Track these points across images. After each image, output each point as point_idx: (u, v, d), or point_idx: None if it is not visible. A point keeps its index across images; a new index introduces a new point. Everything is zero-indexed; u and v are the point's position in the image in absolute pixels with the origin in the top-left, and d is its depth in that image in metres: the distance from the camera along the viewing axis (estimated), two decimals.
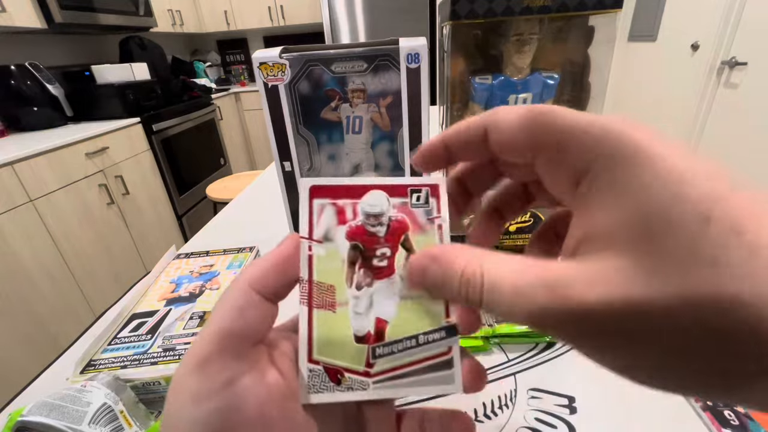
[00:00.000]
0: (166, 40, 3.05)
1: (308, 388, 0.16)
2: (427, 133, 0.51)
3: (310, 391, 0.16)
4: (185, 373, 0.14)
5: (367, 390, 0.16)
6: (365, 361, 0.16)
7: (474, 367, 0.17)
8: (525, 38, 0.49)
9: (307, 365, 0.16)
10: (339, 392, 0.16)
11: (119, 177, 1.85)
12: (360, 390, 0.16)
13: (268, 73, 0.48)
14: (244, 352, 0.15)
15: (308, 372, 0.16)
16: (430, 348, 0.16)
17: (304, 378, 0.16)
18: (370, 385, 0.16)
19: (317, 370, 0.16)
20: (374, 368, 0.16)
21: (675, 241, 0.10)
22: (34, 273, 1.44)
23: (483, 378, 0.17)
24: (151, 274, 0.51)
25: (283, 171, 0.55)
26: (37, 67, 1.84)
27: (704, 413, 0.33)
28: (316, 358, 0.16)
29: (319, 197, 0.17)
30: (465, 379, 0.17)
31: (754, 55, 2.05)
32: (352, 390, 0.16)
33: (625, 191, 0.11)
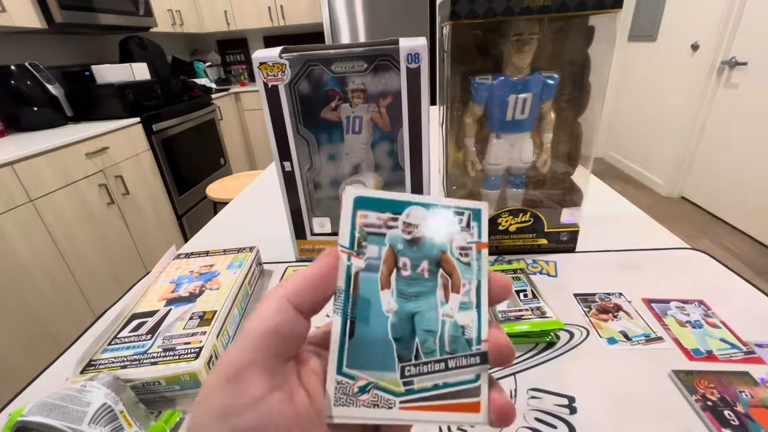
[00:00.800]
0: (166, 40, 3.06)
1: (334, 401, 0.16)
2: (427, 133, 0.51)
3: (336, 404, 0.16)
4: (214, 388, 0.14)
5: (393, 409, 0.16)
6: (394, 379, 0.16)
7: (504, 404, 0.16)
8: (525, 38, 0.49)
9: (336, 377, 0.16)
10: (364, 408, 0.16)
11: (119, 177, 1.85)
12: (385, 408, 0.16)
13: (268, 73, 0.48)
14: (276, 368, 0.15)
15: (336, 384, 0.16)
16: (459, 374, 0.16)
17: (331, 390, 0.16)
18: (396, 404, 0.16)
19: (345, 382, 0.16)
20: (402, 387, 0.16)
21: None
22: (34, 273, 1.44)
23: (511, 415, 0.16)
24: (151, 274, 0.51)
25: (283, 171, 0.55)
26: (37, 67, 1.84)
27: (704, 413, 0.33)
28: (345, 371, 0.16)
29: (363, 209, 0.17)
30: (493, 414, 0.16)
31: (754, 55, 2.05)
32: (377, 407, 0.16)
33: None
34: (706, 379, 0.36)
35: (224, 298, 0.46)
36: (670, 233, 0.63)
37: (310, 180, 0.56)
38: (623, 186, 3.01)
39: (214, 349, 0.40)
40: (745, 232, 2.16)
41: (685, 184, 2.64)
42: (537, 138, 0.56)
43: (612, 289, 0.50)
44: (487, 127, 0.56)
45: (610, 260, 0.56)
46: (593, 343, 0.42)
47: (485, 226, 0.18)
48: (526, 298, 0.46)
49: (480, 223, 0.18)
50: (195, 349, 0.38)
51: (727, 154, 2.25)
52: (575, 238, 0.59)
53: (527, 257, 0.59)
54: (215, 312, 0.43)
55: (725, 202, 2.29)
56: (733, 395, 0.34)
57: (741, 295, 0.48)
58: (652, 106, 2.88)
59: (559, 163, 0.58)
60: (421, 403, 0.16)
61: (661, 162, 2.78)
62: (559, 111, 0.55)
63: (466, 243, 0.17)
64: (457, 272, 0.17)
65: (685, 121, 2.51)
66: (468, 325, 0.17)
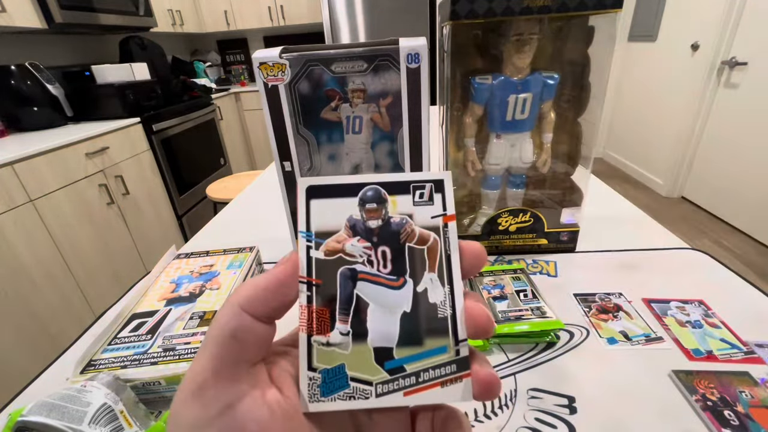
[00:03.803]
0: (166, 40, 3.06)
1: (308, 397, 0.16)
2: (427, 133, 0.51)
3: (311, 400, 0.16)
4: (182, 402, 0.14)
5: (369, 399, 0.16)
6: (369, 368, 0.16)
7: (486, 376, 0.16)
8: (525, 38, 0.49)
9: (307, 373, 0.16)
10: (340, 401, 0.16)
11: (119, 177, 1.85)
12: (362, 399, 0.16)
13: (268, 73, 0.48)
14: (240, 375, 0.15)
15: (308, 381, 0.16)
16: (437, 368, 0.16)
17: (304, 387, 0.16)
18: (373, 394, 0.16)
19: (316, 377, 0.16)
20: (377, 375, 0.16)
21: None
22: (34, 273, 1.44)
23: (495, 387, 0.16)
24: (151, 274, 0.51)
25: (283, 171, 0.55)
26: (37, 67, 1.84)
27: (704, 413, 0.33)
28: (315, 366, 0.16)
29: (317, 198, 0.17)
30: (476, 387, 0.16)
31: (754, 55, 2.05)
32: (353, 399, 0.16)
33: None
34: (706, 379, 0.36)
35: (224, 298, 0.46)
36: (670, 233, 0.64)
37: None
38: (623, 186, 3.01)
39: None
40: (745, 232, 2.16)
41: (685, 184, 2.64)
42: (537, 138, 0.56)
43: (612, 289, 0.50)
44: (487, 127, 0.56)
45: (610, 260, 0.56)
46: (593, 343, 0.42)
47: (450, 196, 0.17)
48: (526, 298, 0.46)
49: (444, 194, 0.17)
50: (195, 349, 0.38)
51: (727, 154, 2.25)
52: (575, 238, 0.59)
53: (527, 257, 0.59)
54: (215, 312, 0.43)
55: (725, 202, 2.29)
56: (733, 395, 0.34)
57: (741, 295, 0.48)
58: (652, 106, 2.88)
59: (559, 163, 0.58)
60: (399, 392, 0.16)
61: (661, 162, 2.78)
62: (559, 111, 0.55)
63: (430, 218, 0.17)
64: (423, 249, 0.16)
65: (685, 121, 2.51)
66: (441, 302, 0.16)
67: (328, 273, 0.16)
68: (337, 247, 0.16)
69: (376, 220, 0.16)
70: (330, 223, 0.16)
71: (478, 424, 0.34)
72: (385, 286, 0.16)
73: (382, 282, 0.16)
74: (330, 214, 0.16)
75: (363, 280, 0.16)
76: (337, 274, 0.16)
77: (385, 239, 0.16)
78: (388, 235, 0.16)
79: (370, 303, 0.16)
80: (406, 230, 0.16)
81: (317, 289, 0.16)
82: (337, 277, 0.16)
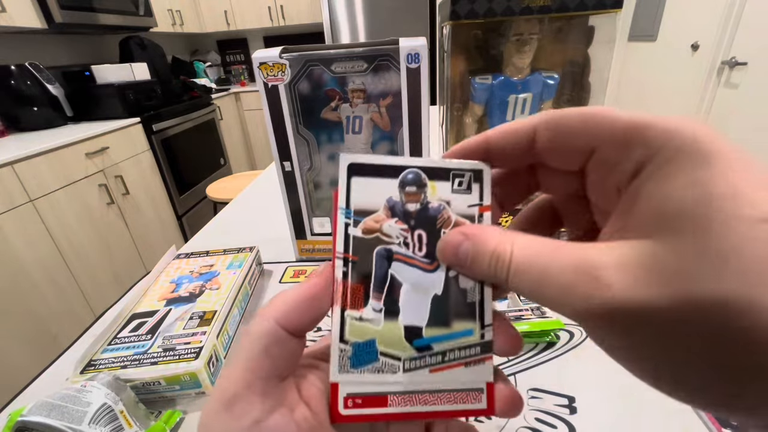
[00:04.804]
0: (166, 40, 3.06)
1: (338, 368, 0.16)
2: (427, 133, 0.51)
3: (340, 371, 0.16)
4: (214, 412, 0.14)
5: (397, 374, 0.16)
6: (399, 345, 0.16)
7: (509, 395, 0.16)
8: (525, 38, 0.49)
9: (339, 345, 0.16)
10: (368, 374, 0.16)
11: (119, 177, 1.85)
12: (389, 373, 0.16)
13: (268, 73, 0.48)
14: (271, 389, 0.15)
15: (339, 352, 0.16)
16: (463, 349, 0.16)
17: (335, 357, 0.16)
18: (400, 369, 0.16)
19: (347, 349, 0.16)
20: (407, 353, 0.16)
21: (724, 236, 0.09)
22: (34, 273, 1.44)
23: (519, 405, 0.16)
24: (151, 274, 0.51)
25: (283, 171, 0.55)
26: (37, 67, 1.84)
27: (704, 413, 0.33)
28: (347, 338, 0.16)
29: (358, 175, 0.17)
30: (500, 405, 0.16)
31: (754, 55, 2.05)
32: (381, 372, 0.16)
33: (686, 185, 0.11)
34: None
35: (224, 298, 0.46)
36: None
37: (310, 180, 0.56)
38: None
39: (214, 349, 0.40)
40: None
41: None
42: None
43: None
44: (487, 127, 0.56)
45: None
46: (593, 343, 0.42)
47: (488, 187, 0.17)
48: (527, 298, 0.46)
49: (482, 185, 0.17)
50: (195, 349, 0.38)
51: None
52: None
53: None
54: (215, 312, 0.43)
55: None
56: None
57: None
58: (652, 106, 2.88)
59: None
60: (425, 369, 0.16)
61: None
62: None
63: (467, 207, 0.17)
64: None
65: None
66: (470, 288, 0.17)
67: (365, 251, 0.17)
68: (375, 227, 0.17)
69: (415, 204, 0.17)
70: (369, 202, 0.17)
71: (478, 424, 0.34)
72: (419, 269, 0.17)
73: (417, 264, 0.17)
74: (370, 193, 0.17)
75: (398, 260, 0.17)
76: (374, 253, 0.17)
77: (422, 223, 0.17)
78: (425, 219, 0.17)
79: (404, 283, 0.17)
80: (443, 216, 0.17)
81: (353, 265, 0.16)
82: (374, 255, 0.17)
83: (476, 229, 0.15)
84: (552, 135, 0.15)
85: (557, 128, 0.15)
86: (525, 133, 0.15)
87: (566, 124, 0.14)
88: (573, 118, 0.14)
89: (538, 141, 0.15)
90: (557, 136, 0.15)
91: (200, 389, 0.38)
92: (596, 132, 0.13)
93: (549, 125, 0.15)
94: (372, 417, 0.16)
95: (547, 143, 0.15)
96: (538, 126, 0.15)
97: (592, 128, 0.14)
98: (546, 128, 0.15)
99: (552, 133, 0.15)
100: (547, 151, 0.15)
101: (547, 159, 0.16)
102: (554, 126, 0.15)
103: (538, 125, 0.15)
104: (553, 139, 0.15)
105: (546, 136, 0.15)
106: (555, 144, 0.15)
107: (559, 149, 0.15)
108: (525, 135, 0.15)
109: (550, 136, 0.15)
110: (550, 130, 0.15)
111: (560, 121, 0.14)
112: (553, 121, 0.15)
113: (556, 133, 0.15)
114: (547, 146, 0.15)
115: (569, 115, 0.14)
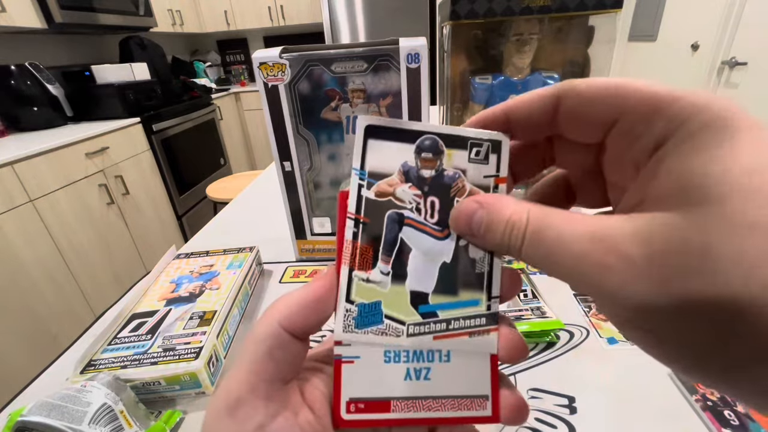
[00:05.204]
0: (166, 40, 3.06)
1: (342, 327, 0.16)
2: None
3: (344, 330, 0.16)
4: (217, 417, 0.14)
5: (400, 337, 0.16)
6: (404, 309, 0.16)
7: (515, 402, 0.16)
8: (525, 38, 0.49)
9: (345, 305, 0.16)
10: (372, 335, 0.16)
11: (119, 177, 1.85)
12: (393, 336, 0.16)
13: (268, 73, 0.48)
14: (275, 393, 0.15)
15: (344, 311, 0.16)
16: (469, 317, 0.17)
17: (340, 316, 0.16)
18: (404, 333, 0.16)
19: (353, 310, 0.16)
20: (411, 317, 0.16)
21: (748, 209, 0.09)
22: (34, 273, 1.44)
23: (524, 412, 0.16)
24: (151, 274, 0.51)
25: (283, 171, 0.55)
26: (37, 67, 1.84)
27: (704, 413, 0.33)
28: (353, 299, 0.16)
29: (375, 138, 0.16)
30: (506, 413, 0.16)
31: (754, 55, 2.05)
32: (385, 335, 0.16)
33: (712, 158, 0.11)
34: None
35: (224, 298, 0.46)
36: None
37: (310, 180, 0.56)
38: None
39: (214, 349, 0.40)
40: None
41: None
42: None
43: None
44: None
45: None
46: (593, 343, 0.42)
47: (505, 159, 0.17)
48: (526, 298, 0.46)
49: (500, 156, 0.17)
50: (195, 349, 0.38)
51: None
52: None
53: None
54: (215, 312, 0.43)
55: None
56: None
57: None
58: None
59: None
60: (429, 335, 0.16)
61: None
62: None
63: (482, 177, 0.17)
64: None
65: None
66: (480, 258, 0.16)
67: (376, 213, 0.17)
68: (388, 191, 0.17)
69: (430, 170, 0.17)
70: (384, 165, 0.17)
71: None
72: (429, 235, 0.17)
73: (428, 231, 0.17)
74: (385, 156, 0.17)
75: (409, 225, 0.17)
76: (385, 216, 0.17)
77: (436, 190, 0.17)
78: (439, 186, 0.17)
79: (413, 249, 0.17)
80: (458, 185, 0.17)
81: (364, 227, 0.16)
82: (385, 219, 0.17)
83: (491, 198, 0.15)
84: (576, 103, 0.14)
85: (582, 96, 0.14)
86: (548, 101, 0.15)
87: (592, 92, 0.14)
88: (599, 86, 0.14)
89: (561, 109, 0.15)
90: (581, 105, 0.14)
91: (200, 389, 0.38)
92: (622, 102, 0.13)
93: (574, 93, 0.14)
94: (375, 422, 0.16)
95: (570, 112, 0.15)
96: (561, 93, 0.15)
97: (618, 98, 0.13)
98: (570, 96, 0.14)
99: (576, 101, 0.14)
100: (569, 120, 0.15)
101: (568, 130, 0.15)
102: (579, 94, 0.14)
103: (561, 93, 0.15)
104: (576, 108, 0.14)
105: (570, 104, 0.14)
106: (578, 113, 0.14)
107: (582, 119, 0.14)
108: (548, 103, 0.15)
109: (575, 104, 0.14)
110: (575, 97, 0.14)
111: (586, 90, 0.14)
112: (578, 89, 0.14)
113: (580, 100, 0.14)
114: (569, 115, 0.15)
115: (595, 84, 0.14)
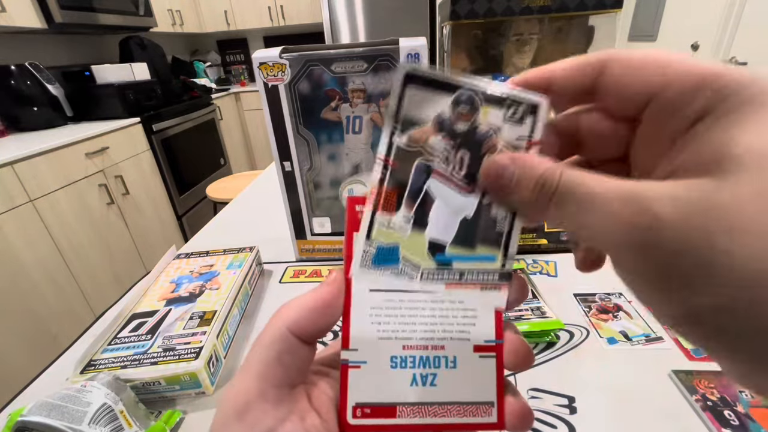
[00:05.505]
0: (166, 40, 3.05)
1: (359, 263, 0.16)
2: None
3: (361, 265, 0.16)
4: (226, 422, 0.14)
5: (414, 281, 0.17)
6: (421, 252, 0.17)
7: (519, 408, 0.16)
8: (525, 38, 0.49)
9: (364, 242, 0.16)
10: (386, 277, 0.17)
11: (119, 177, 1.85)
12: (406, 279, 0.17)
13: (268, 73, 0.48)
14: (283, 398, 0.15)
15: (363, 249, 0.17)
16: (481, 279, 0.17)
17: (358, 254, 0.16)
18: (418, 277, 0.17)
19: (371, 249, 0.17)
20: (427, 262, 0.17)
21: None
22: (34, 273, 1.44)
23: (529, 419, 0.16)
24: (151, 274, 0.51)
25: (283, 171, 0.55)
26: (37, 67, 1.84)
27: (704, 413, 0.33)
28: (373, 238, 0.17)
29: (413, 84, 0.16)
30: (511, 419, 0.16)
31: (754, 55, 2.05)
32: (399, 276, 0.17)
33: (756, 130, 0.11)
34: (706, 379, 0.36)
35: (224, 298, 0.46)
36: None
37: (310, 180, 0.56)
38: None
39: (214, 349, 0.40)
40: None
41: None
42: None
43: (612, 289, 0.50)
44: None
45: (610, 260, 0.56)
46: (593, 343, 0.42)
47: (541, 123, 0.16)
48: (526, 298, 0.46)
49: (536, 119, 0.16)
50: (195, 349, 0.38)
51: None
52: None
53: (527, 257, 0.59)
54: (215, 312, 0.43)
55: None
56: (733, 395, 0.34)
57: None
58: None
59: None
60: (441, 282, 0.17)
61: None
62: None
63: (515, 138, 0.16)
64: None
65: None
66: (501, 218, 0.17)
67: (405, 161, 0.17)
68: (420, 139, 0.17)
69: (465, 124, 0.16)
70: (419, 114, 0.17)
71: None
72: (455, 189, 0.17)
73: (454, 184, 0.17)
74: (421, 105, 0.16)
75: (436, 177, 0.17)
76: (414, 164, 0.17)
77: (467, 145, 0.16)
78: (471, 141, 0.16)
79: (437, 200, 0.17)
80: (490, 142, 0.16)
81: (391, 172, 0.17)
82: (413, 167, 0.17)
83: (526, 156, 0.15)
84: (622, 71, 0.14)
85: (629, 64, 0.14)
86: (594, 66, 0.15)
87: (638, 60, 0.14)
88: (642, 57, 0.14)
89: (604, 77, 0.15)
90: (627, 73, 0.14)
91: (200, 389, 0.38)
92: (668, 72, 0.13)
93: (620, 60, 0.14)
94: (381, 428, 0.16)
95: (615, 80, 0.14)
96: (608, 60, 0.14)
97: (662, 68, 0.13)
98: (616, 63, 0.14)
99: (622, 68, 0.14)
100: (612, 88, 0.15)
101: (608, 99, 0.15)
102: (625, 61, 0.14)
103: (608, 59, 0.15)
104: (621, 77, 0.14)
105: (615, 71, 0.14)
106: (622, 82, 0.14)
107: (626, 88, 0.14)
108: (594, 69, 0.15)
109: (620, 72, 0.14)
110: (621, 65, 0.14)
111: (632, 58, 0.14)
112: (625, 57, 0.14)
113: (626, 68, 0.14)
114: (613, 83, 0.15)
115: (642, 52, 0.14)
